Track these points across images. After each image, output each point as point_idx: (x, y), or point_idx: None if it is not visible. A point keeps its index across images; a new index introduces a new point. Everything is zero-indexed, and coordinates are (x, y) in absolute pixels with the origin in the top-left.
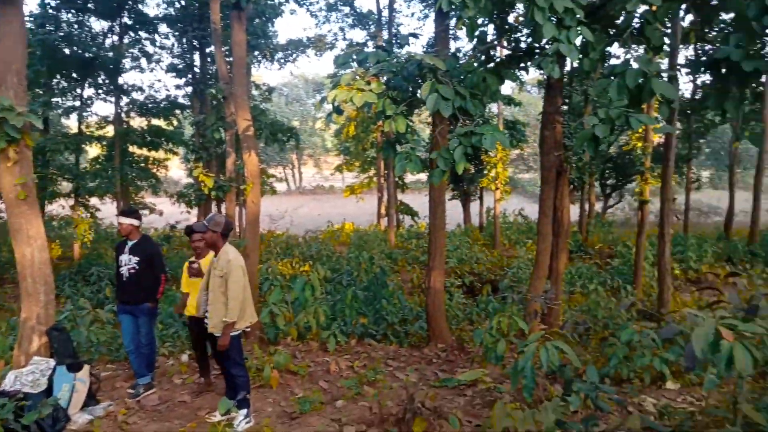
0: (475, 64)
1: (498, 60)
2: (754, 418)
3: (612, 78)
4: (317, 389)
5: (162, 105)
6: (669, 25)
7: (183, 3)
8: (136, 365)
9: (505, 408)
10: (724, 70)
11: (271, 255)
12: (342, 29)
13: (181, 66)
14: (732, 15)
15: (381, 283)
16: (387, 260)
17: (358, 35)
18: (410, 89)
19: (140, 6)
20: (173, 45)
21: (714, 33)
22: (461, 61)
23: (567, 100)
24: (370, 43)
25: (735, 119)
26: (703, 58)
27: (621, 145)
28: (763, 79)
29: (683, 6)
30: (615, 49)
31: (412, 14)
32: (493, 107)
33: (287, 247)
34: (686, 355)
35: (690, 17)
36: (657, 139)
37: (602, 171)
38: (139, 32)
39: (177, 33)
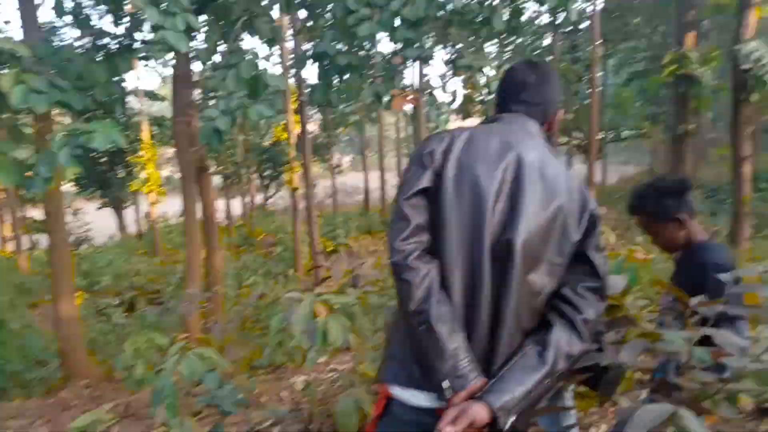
0: (79, 52)
1: (110, 49)
2: (371, 374)
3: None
4: None
5: None
6: (289, 20)
7: None
8: None
9: None
10: (327, 65)
11: None
12: None
13: None
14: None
15: None
16: (17, 292)
17: None
18: None
19: None
20: None
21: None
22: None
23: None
24: None
25: (333, 107)
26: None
27: (272, 138)
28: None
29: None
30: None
31: None
32: (135, 103)
33: None
34: (304, 335)
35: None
36: (298, 130)
37: (259, 163)
38: None
39: None
